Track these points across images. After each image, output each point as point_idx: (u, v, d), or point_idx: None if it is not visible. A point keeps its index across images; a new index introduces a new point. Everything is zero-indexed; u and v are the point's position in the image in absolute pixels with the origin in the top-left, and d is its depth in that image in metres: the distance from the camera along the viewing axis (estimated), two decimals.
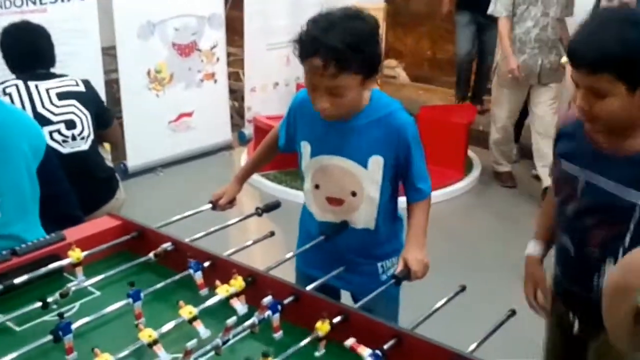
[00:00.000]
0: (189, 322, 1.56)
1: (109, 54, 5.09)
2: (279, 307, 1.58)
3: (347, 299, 2.18)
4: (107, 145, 3.47)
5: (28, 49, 3.01)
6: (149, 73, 5.20)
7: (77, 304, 1.74)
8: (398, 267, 1.97)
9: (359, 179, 2.05)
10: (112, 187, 3.17)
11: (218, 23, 5.53)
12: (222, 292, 1.65)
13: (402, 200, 2.12)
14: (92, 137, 3.03)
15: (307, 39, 1.86)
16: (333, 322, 1.54)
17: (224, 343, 1.47)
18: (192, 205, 2.23)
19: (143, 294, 1.64)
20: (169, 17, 5.21)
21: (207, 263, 1.80)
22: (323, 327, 1.51)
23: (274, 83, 5.95)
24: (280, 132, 2.24)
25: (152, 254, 1.88)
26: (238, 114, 6.15)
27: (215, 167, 5.47)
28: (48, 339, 1.49)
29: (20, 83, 2.91)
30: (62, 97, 2.96)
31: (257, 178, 4.93)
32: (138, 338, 1.48)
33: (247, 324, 1.54)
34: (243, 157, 5.56)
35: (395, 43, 7.96)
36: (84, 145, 3.00)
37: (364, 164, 2.03)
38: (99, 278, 1.79)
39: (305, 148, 2.12)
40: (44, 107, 2.91)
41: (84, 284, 1.77)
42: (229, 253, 1.92)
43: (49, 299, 1.66)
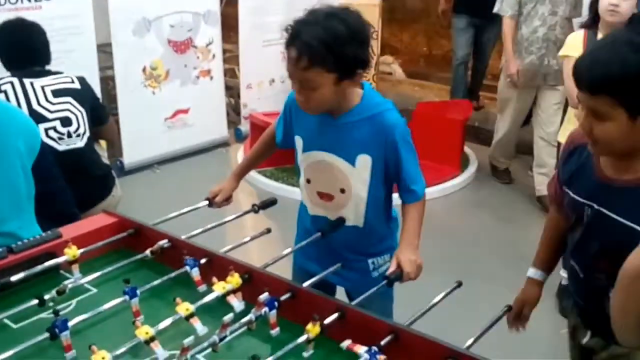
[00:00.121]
0: (186, 319, 1.56)
1: (105, 51, 5.07)
2: (276, 303, 1.58)
3: (341, 295, 2.18)
4: (103, 143, 3.46)
5: (23, 46, 3.00)
6: (145, 70, 5.19)
7: (73, 302, 1.74)
8: (390, 267, 1.95)
9: (348, 177, 2.05)
10: (108, 184, 3.16)
11: (214, 20, 5.53)
12: (218, 289, 1.65)
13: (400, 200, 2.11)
14: (87, 134, 3.02)
15: (289, 30, 1.92)
16: (324, 322, 1.53)
17: (221, 340, 1.48)
18: (188, 202, 2.23)
19: (140, 291, 1.65)
20: (165, 13, 5.20)
21: (203, 260, 1.81)
22: (314, 329, 1.51)
23: (270, 80, 5.94)
24: (277, 128, 2.24)
25: (148, 251, 1.88)
26: (234, 111, 6.14)
27: (212, 164, 5.46)
28: (45, 337, 1.50)
29: (16, 80, 2.90)
30: (57, 94, 2.96)
31: (253, 175, 4.92)
32: (135, 335, 1.48)
33: (244, 321, 1.54)
34: (239, 153, 5.55)
35: (391, 39, 7.96)
36: (80, 143, 2.99)
37: (352, 162, 2.04)
38: (96, 275, 1.79)
39: (299, 142, 2.14)
40: (40, 104, 2.90)
41: (81, 282, 1.78)
42: (226, 250, 1.93)
43: (46, 297, 1.66)
